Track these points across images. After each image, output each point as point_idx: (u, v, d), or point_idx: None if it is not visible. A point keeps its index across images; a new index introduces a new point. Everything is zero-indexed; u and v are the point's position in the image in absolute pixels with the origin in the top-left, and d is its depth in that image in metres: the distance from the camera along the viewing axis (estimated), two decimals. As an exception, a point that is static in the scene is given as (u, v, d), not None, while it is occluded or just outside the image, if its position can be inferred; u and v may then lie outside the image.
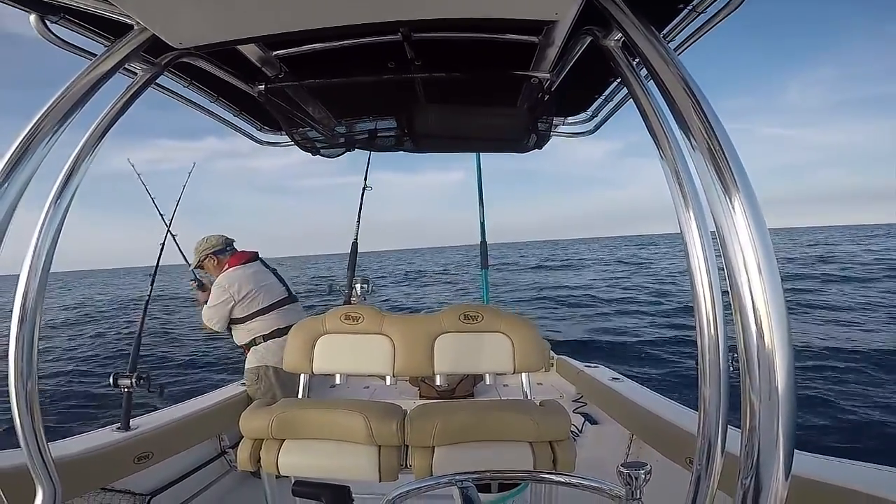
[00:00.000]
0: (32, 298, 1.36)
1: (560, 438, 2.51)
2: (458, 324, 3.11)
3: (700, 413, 1.06)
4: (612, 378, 4.40)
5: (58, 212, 1.40)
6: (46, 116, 1.32)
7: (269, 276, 4.32)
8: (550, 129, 2.68)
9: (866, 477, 2.12)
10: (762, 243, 0.91)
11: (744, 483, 0.89)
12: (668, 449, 3.11)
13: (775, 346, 0.87)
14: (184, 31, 1.47)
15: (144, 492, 3.14)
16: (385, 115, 2.67)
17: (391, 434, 2.47)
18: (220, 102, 2.44)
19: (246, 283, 4.10)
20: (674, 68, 1.12)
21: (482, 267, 6.16)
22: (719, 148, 0.99)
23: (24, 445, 1.39)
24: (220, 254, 4.33)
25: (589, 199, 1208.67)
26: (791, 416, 0.87)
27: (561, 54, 1.85)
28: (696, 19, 1.55)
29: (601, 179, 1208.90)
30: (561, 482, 1.43)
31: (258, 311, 4.11)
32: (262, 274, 4.28)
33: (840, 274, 24.87)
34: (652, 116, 1.20)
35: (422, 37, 1.78)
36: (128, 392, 3.16)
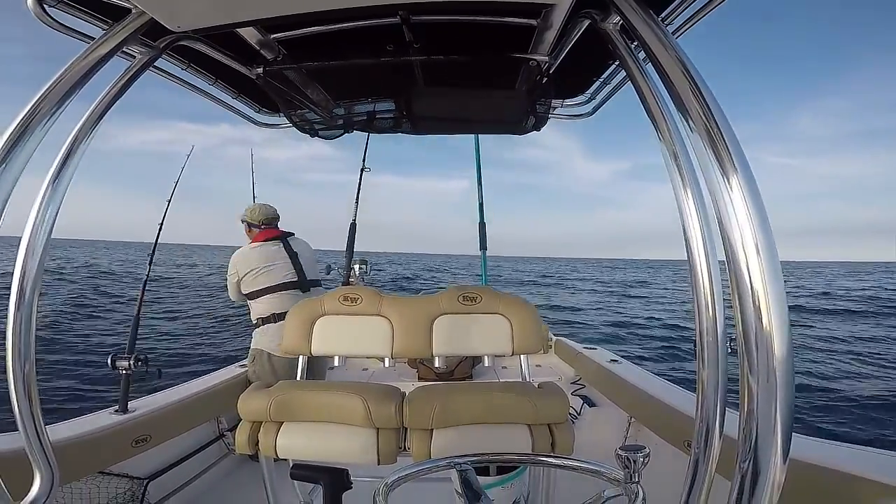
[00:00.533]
0: (30, 280, 1.36)
1: (558, 421, 2.52)
2: (456, 305, 3.11)
3: (698, 396, 1.06)
4: (610, 360, 4.42)
5: (55, 193, 1.40)
6: (44, 99, 1.31)
7: (281, 257, 4.25)
8: (549, 111, 2.67)
9: (864, 460, 2.14)
10: (761, 225, 0.91)
11: (742, 466, 0.90)
12: (667, 432, 3.13)
13: (773, 328, 0.87)
14: (182, 14, 1.45)
15: (142, 475, 3.15)
16: (383, 97, 2.66)
17: (390, 416, 2.48)
18: (219, 85, 2.43)
19: (252, 262, 4.14)
20: (672, 51, 1.12)
21: (481, 248, 6.16)
22: (717, 130, 0.99)
23: (21, 429, 1.39)
24: (254, 227, 4.38)
25: (591, 218, 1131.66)
26: (789, 399, 0.87)
27: (559, 37, 1.84)
28: (695, 2, 1.54)
29: (603, 198, 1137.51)
30: (559, 465, 1.44)
31: (259, 291, 4.12)
32: (274, 254, 4.24)
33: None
34: (650, 99, 1.19)
35: (420, 19, 1.76)
36: (126, 374, 3.16)
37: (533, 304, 3.20)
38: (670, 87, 1.10)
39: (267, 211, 4.42)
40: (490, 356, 3.19)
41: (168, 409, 3.39)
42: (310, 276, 4.31)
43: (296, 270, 4.24)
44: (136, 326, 3.53)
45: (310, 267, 4.35)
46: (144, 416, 3.19)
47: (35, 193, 1.39)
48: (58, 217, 1.40)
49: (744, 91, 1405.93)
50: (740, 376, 0.91)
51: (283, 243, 4.30)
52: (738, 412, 0.91)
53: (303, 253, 4.34)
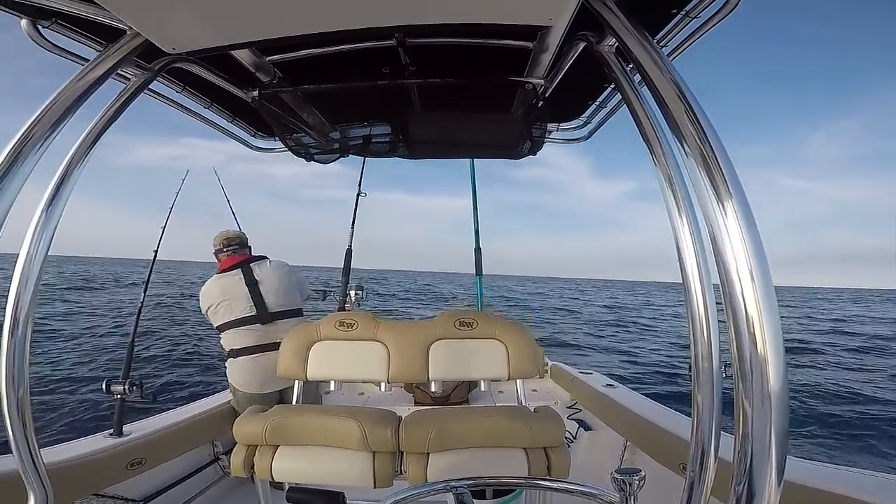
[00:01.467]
0: (24, 305, 1.36)
1: (554, 445, 2.51)
2: (452, 330, 3.11)
3: (693, 419, 1.06)
4: (606, 384, 4.41)
5: (50, 219, 1.40)
6: (38, 122, 1.31)
7: (238, 289, 3.85)
8: (544, 135, 2.68)
9: (858, 483, 2.13)
10: (755, 250, 0.92)
11: (737, 489, 0.89)
12: (662, 455, 3.11)
13: (768, 352, 0.87)
14: (177, 36, 1.46)
15: (137, 498, 3.12)
16: (379, 120, 2.67)
17: (386, 440, 2.47)
18: (214, 108, 2.44)
19: (212, 296, 3.89)
20: (667, 74, 1.13)
21: (476, 273, 6.15)
22: (712, 154, 1.00)
23: (15, 451, 1.39)
24: (219, 253, 4.07)
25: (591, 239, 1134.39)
26: (784, 422, 0.87)
27: (555, 60, 1.85)
28: (689, 24, 1.56)
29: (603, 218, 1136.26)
30: (555, 488, 1.43)
31: (221, 326, 3.86)
32: (231, 286, 3.87)
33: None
34: (645, 122, 1.20)
35: (416, 42, 1.78)
36: (120, 398, 3.15)
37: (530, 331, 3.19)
38: (665, 109, 1.10)
39: (225, 235, 4.11)
40: (486, 381, 3.18)
41: (163, 432, 3.37)
42: (275, 307, 3.87)
43: (254, 303, 3.83)
44: (130, 351, 3.52)
45: (276, 296, 3.91)
46: (139, 438, 3.16)
47: (31, 215, 1.39)
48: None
49: (756, 112, 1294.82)
50: (735, 400, 0.91)
51: (242, 271, 3.91)
52: (734, 435, 0.91)
53: (267, 281, 3.92)
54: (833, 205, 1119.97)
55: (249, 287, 3.85)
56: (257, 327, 3.81)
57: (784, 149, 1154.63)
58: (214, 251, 4.09)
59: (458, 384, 4.91)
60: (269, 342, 3.73)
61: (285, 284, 3.98)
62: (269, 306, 3.85)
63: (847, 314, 41.36)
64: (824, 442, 8.04)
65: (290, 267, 4.11)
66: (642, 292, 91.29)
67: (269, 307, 3.84)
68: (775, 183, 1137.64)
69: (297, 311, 4.01)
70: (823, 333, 24.68)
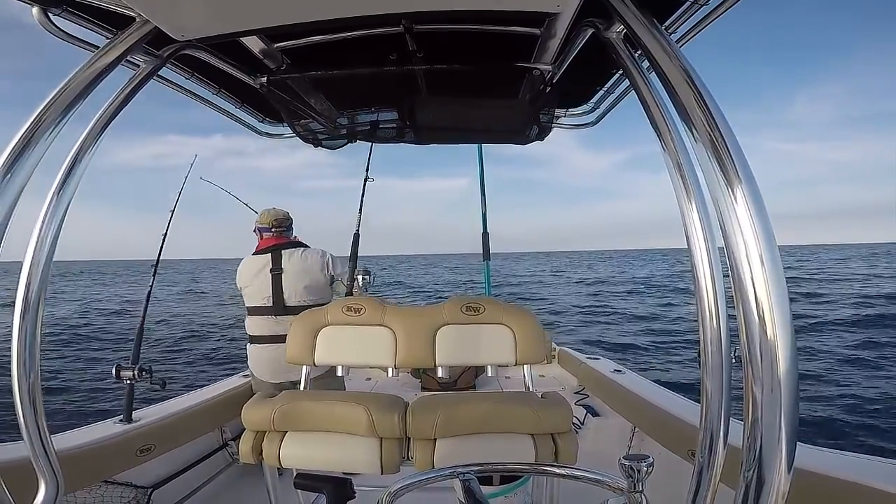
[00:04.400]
0: (35, 291, 1.37)
1: (562, 431, 2.51)
2: (459, 315, 3.11)
3: (702, 405, 1.06)
4: (613, 370, 4.41)
5: (60, 204, 1.40)
6: (48, 109, 1.32)
7: (263, 275, 3.79)
8: (552, 120, 2.67)
9: (868, 470, 2.13)
10: (765, 234, 0.91)
11: (746, 475, 0.89)
12: (671, 441, 3.12)
13: (777, 337, 0.87)
14: (186, 23, 1.46)
15: (146, 484, 3.15)
16: (387, 106, 2.66)
17: (393, 426, 2.48)
18: (222, 94, 2.44)
19: (242, 276, 3.91)
20: (676, 60, 1.12)
21: (484, 258, 6.15)
22: (721, 139, 0.99)
23: (26, 438, 1.40)
24: (264, 231, 3.94)
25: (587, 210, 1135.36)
26: (793, 408, 0.87)
27: (562, 46, 1.84)
28: (698, 11, 1.54)
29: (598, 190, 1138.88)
30: (563, 474, 1.43)
31: (247, 309, 3.87)
32: (258, 270, 3.81)
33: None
34: (654, 108, 1.20)
35: (424, 29, 1.77)
36: (130, 384, 3.16)
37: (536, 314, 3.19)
38: (674, 95, 1.10)
39: (275, 215, 3.94)
40: (493, 366, 3.18)
41: (172, 419, 3.39)
42: (292, 301, 3.75)
43: (272, 292, 3.75)
44: (139, 337, 3.53)
45: (296, 290, 3.78)
46: (149, 425, 3.19)
47: (39, 205, 1.39)
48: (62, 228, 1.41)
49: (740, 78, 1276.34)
50: (744, 385, 0.91)
51: (272, 256, 3.82)
52: (743, 421, 0.91)
53: (291, 272, 3.79)
54: (827, 165, 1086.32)
55: (273, 275, 3.78)
56: (272, 317, 3.77)
57: (772, 113, 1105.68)
58: (257, 227, 3.98)
59: (465, 370, 4.92)
60: (280, 333, 3.63)
61: (310, 279, 3.83)
62: (287, 299, 3.76)
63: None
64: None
65: (326, 259, 3.93)
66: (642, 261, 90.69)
67: (287, 300, 3.76)
68: (763, 147, 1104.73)
69: (312, 307, 3.65)
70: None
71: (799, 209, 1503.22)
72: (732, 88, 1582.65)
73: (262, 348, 3.78)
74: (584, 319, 20.80)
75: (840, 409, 8.36)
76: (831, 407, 8.47)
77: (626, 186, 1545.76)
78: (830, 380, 10.26)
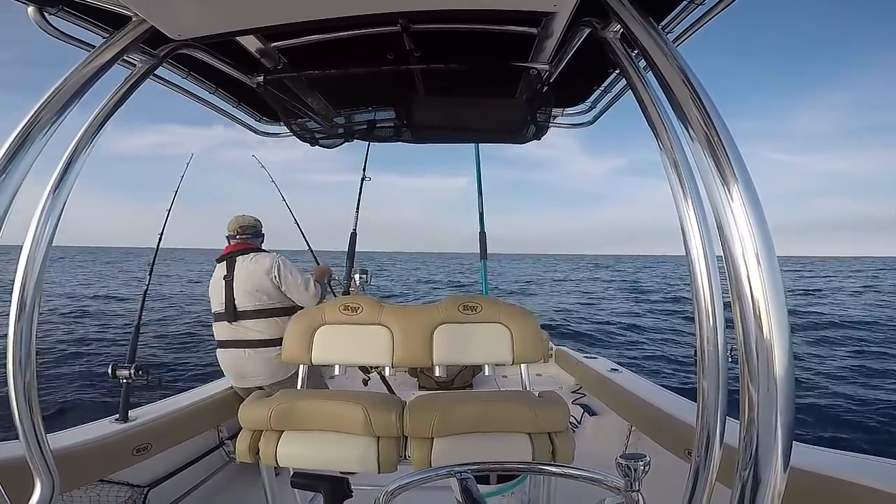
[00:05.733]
0: (31, 290, 1.37)
1: (559, 430, 2.51)
2: (456, 314, 3.11)
3: (699, 404, 1.06)
4: (611, 369, 4.42)
5: (56, 203, 1.40)
6: (45, 107, 1.32)
7: (218, 282, 3.86)
8: (549, 120, 2.67)
9: (864, 469, 2.13)
10: (761, 234, 0.91)
11: (742, 475, 0.90)
12: (667, 440, 3.12)
13: (774, 337, 0.87)
14: (182, 23, 1.46)
15: (143, 483, 3.14)
16: (384, 105, 2.67)
17: (390, 425, 2.48)
18: (219, 93, 2.43)
19: (211, 282, 3.96)
20: (672, 60, 1.12)
21: (481, 258, 6.14)
22: (718, 139, 0.99)
23: (22, 437, 1.39)
24: (228, 238, 4.00)
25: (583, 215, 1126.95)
26: (790, 407, 0.87)
27: (559, 45, 1.84)
28: (695, 10, 1.54)
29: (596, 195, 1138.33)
30: (559, 473, 1.44)
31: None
32: (217, 279, 3.89)
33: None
34: (650, 108, 1.20)
35: (421, 28, 1.77)
36: (126, 383, 3.17)
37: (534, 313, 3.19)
38: (670, 95, 1.10)
39: (239, 222, 3.99)
40: (490, 365, 3.18)
41: (169, 418, 3.39)
42: (241, 306, 3.76)
43: (225, 299, 3.78)
44: (136, 336, 3.53)
45: (244, 295, 3.77)
46: (145, 424, 3.18)
47: (35, 202, 1.39)
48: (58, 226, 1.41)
49: (747, 87, 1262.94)
50: (741, 385, 0.91)
51: (227, 264, 3.88)
52: (739, 420, 0.91)
53: (239, 277, 3.80)
54: (826, 177, 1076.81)
55: (225, 281, 3.82)
56: (227, 323, 3.79)
57: (775, 123, 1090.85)
58: (226, 235, 4.01)
59: (463, 369, 4.92)
60: (237, 339, 3.74)
61: (252, 283, 3.80)
62: (237, 304, 3.78)
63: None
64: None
65: (274, 262, 3.85)
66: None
67: (237, 305, 3.78)
68: (761, 156, 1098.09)
69: (267, 312, 3.80)
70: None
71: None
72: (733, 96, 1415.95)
73: (223, 352, 3.82)
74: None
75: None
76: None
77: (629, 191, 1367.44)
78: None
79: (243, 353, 3.70)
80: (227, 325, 3.78)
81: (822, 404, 8.40)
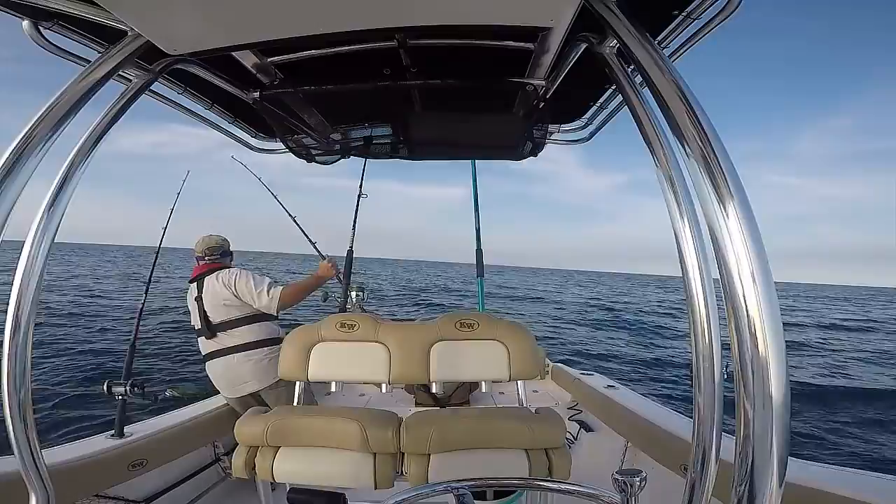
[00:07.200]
0: (26, 307, 1.36)
1: (555, 446, 2.51)
2: (453, 331, 3.11)
3: (695, 420, 1.06)
4: (607, 385, 4.41)
5: (51, 221, 1.40)
6: (40, 123, 1.31)
7: (193, 303, 3.96)
8: (546, 136, 2.68)
9: (860, 484, 2.13)
10: (756, 251, 0.91)
11: (738, 490, 0.89)
12: (663, 456, 3.11)
13: (769, 353, 0.87)
14: (178, 38, 1.47)
15: (138, 499, 3.13)
16: (380, 122, 2.67)
17: (387, 441, 2.47)
18: (215, 109, 2.44)
19: (187, 302, 4.07)
20: (668, 75, 1.13)
21: (478, 275, 6.14)
22: (714, 155, 1.00)
23: (16, 452, 1.39)
24: (197, 259, 4.13)
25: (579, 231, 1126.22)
26: (785, 423, 0.87)
27: (556, 61, 1.85)
28: (691, 26, 1.55)
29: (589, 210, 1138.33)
30: (556, 489, 1.43)
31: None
32: (191, 300, 3.99)
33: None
34: (647, 123, 1.20)
35: (417, 44, 1.78)
36: (122, 399, 3.16)
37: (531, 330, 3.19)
38: (666, 111, 1.10)
39: (207, 243, 4.12)
40: (487, 382, 3.17)
41: (164, 434, 3.38)
42: (215, 321, 3.87)
43: (200, 317, 3.88)
44: (132, 352, 3.52)
45: (214, 311, 3.88)
46: (141, 440, 3.17)
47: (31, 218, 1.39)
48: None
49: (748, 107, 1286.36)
50: (736, 401, 0.91)
51: (197, 285, 3.99)
52: (735, 436, 0.91)
53: (207, 296, 3.92)
54: (825, 201, 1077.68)
55: (197, 302, 3.93)
56: (205, 339, 3.89)
57: (776, 145, 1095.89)
58: (195, 256, 4.13)
59: (459, 385, 4.91)
60: (222, 347, 3.82)
61: (221, 299, 3.88)
62: (211, 320, 3.88)
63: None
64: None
65: (234, 276, 3.91)
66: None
67: (212, 321, 3.88)
68: (762, 179, 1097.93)
69: (242, 321, 3.89)
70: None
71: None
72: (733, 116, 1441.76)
73: (211, 364, 3.87)
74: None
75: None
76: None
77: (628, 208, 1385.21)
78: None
79: (232, 359, 3.76)
80: (205, 340, 3.87)
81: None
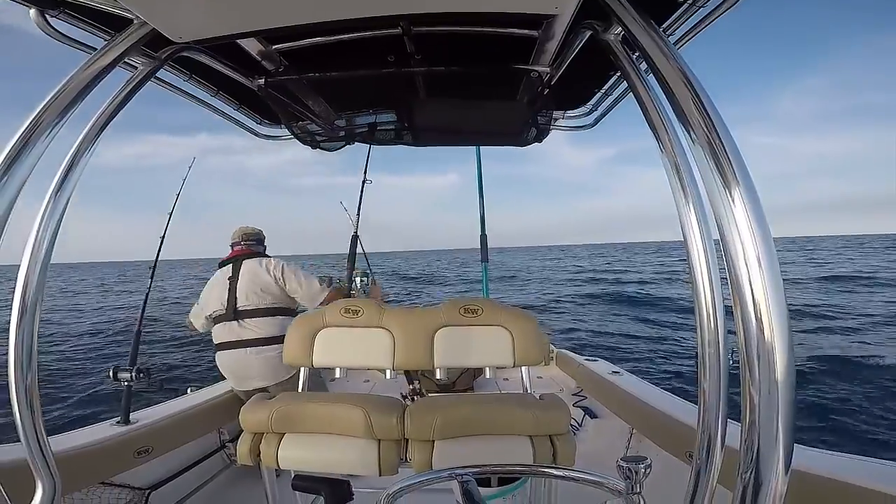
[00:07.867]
0: (32, 292, 1.36)
1: (560, 432, 2.51)
2: (457, 317, 3.11)
3: (700, 407, 1.06)
4: (611, 372, 4.41)
5: (57, 205, 1.40)
6: (46, 110, 1.31)
7: (220, 285, 3.91)
8: (550, 122, 2.68)
9: (865, 471, 2.13)
10: (762, 236, 0.91)
11: (744, 477, 0.89)
12: (669, 443, 3.12)
13: (775, 339, 0.87)
14: (184, 25, 1.46)
15: (144, 486, 3.15)
16: (385, 108, 2.68)
17: (391, 428, 2.47)
18: (220, 96, 2.44)
19: (207, 287, 4.04)
20: (674, 62, 1.12)
21: (482, 260, 6.14)
22: (719, 141, 0.99)
23: (23, 440, 1.39)
24: (234, 245, 4.12)
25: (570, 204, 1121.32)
26: (791, 410, 0.87)
27: (561, 48, 1.84)
28: (696, 13, 1.55)
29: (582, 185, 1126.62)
30: (561, 476, 1.43)
31: (209, 317, 3.98)
32: (216, 282, 3.97)
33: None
34: (652, 110, 1.20)
35: (422, 30, 1.77)
36: (128, 386, 3.18)
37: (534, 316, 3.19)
38: (672, 97, 1.10)
39: (244, 231, 4.14)
40: (491, 368, 3.17)
41: (170, 421, 3.40)
42: (242, 306, 3.82)
43: (227, 299, 3.84)
44: (137, 339, 3.54)
45: (245, 295, 3.84)
46: (146, 427, 3.19)
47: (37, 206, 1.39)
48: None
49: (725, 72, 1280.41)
50: (742, 388, 0.91)
51: (233, 266, 3.96)
52: (740, 423, 0.91)
53: (242, 279, 3.89)
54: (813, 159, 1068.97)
55: (230, 282, 3.89)
56: (227, 324, 3.83)
57: (757, 108, 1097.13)
58: (231, 243, 4.13)
59: (464, 371, 4.91)
60: (238, 339, 3.76)
61: (257, 284, 3.88)
62: (239, 304, 3.83)
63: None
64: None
65: (278, 264, 3.97)
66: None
67: (238, 305, 3.83)
68: (752, 141, 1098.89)
69: (269, 311, 3.87)
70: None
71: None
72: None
73: (222, 354, 3.83)
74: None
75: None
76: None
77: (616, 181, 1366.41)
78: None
79: (244, 353, 3.70)
80: (226, 325, 3.80)
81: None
